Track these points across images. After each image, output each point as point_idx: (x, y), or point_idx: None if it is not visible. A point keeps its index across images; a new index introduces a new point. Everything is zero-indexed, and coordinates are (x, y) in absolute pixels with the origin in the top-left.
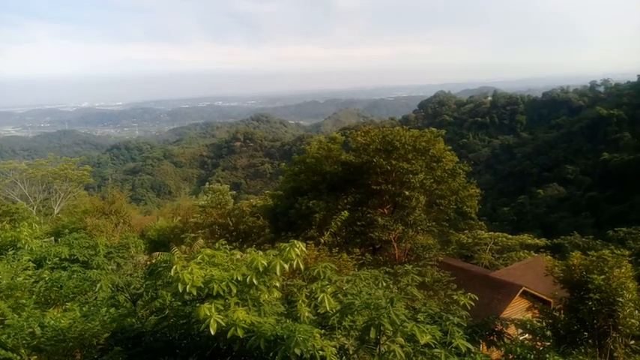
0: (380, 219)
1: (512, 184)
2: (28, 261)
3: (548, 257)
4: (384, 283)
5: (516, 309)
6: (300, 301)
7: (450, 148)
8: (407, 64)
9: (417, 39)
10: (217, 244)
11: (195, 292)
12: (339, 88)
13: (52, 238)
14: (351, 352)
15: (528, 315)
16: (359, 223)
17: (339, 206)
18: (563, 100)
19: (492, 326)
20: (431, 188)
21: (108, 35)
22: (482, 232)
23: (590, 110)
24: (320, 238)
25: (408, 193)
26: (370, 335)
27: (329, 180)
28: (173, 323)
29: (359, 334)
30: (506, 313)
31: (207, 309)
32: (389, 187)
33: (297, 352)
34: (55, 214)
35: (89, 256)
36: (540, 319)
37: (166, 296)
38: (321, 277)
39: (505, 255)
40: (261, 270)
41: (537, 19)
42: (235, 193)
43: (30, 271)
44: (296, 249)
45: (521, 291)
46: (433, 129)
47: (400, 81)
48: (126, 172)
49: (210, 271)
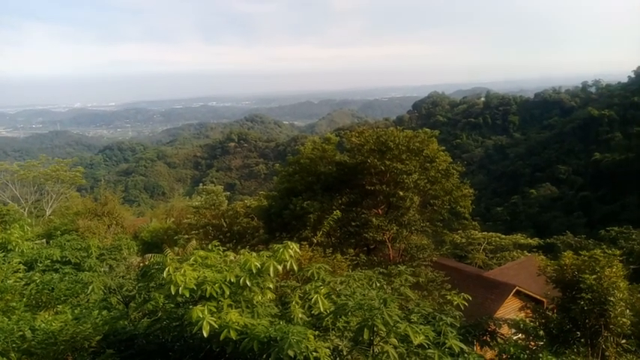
0: (374, 219)
1: (506, 184)
2: (19, 263)
3: (541, 257)
4: (377, 284)
5: (510, 309)
6: (294, 302)
7: (444, 148)
8: (401, 65)
9: (411, 40)
10: (210, 246)
11: (187, 294)
12: (334, 88)
13: (44, 240)
14: (344, 353)
15: (521, 315)
16: (353, 224)
17: (334, 207)
18: (555, 100)
19: (486, 326)
20: (425, 188)
21: (100, 35)
22: (476, 232)
23: (581, 111)
24: (313, 238)
25: (402, 193)
26: (364, 336)
27: (323, 180)
28: (166, 325)
29: (353, 335)
30: (500, 312)
31: (199, 311)
32: (383, 187)
33: (291, 353)
34: (46, 215)
35: (81, 258)
36: (533, 319)
37: (159, 298)
38: (315, 278)
39: (498, 255)
40: (255, 271)
41: (529, 21)
42: (229, 193)
43: (21, 274)
44: (289, 250)
45: (514, 291)
46: (427, 129)
47: (394, 82)
48: (119, 173)
49: (203, 272)
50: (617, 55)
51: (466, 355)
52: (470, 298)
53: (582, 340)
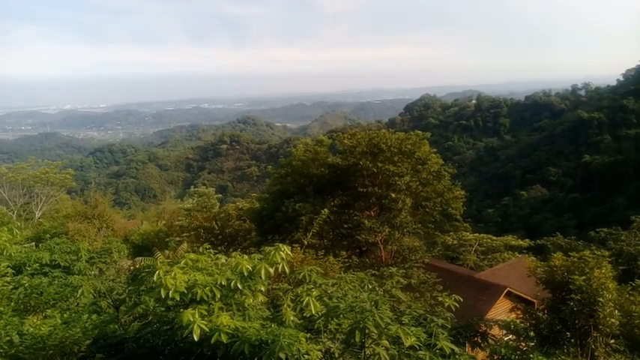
0: (366, 221)
1: (497, 186)
2: (7, 267)
3: (532, 258)
4: (369, 286)
5: (501, 310)
6: (286, 304)
7: (436, 150)
8: (393, 67)
9: (404, 42)
10: (201, 249)
11: (178, 298)
12: (326, 90)
13: (33, 243)
14: (336, 356)
15: (512, 316)
16: (345, 226)
17: (326, 209)
18: (546, 103)
19: (477, 327)
20: (417, 190)
21: (90, 37)
22: (468, 233)
23: (571, 113)
24: (303, 240)
25: (394, 195)
26: (355, 338)
27: (315, 182)
28: (156, 329)
29: (344, 337)
30: (491, 313)
31: (190, 314)
32: (375, 189)
33: (282, 356)
34: (36, 218)
35: (71, 261)
36: (524, 320)
37: (149, 302)
38: (307, 280)
39: (490, 256)
40: (246, 274)
41: (520, 25)
42: (222, 196)
43: (8, 278)
44: (281, 252)
45: (505, 292)
46: (419, 132)
47: (387, 84)
48: (109, 175)
49: (194, 275)
50: (607, 58)
51: (457, 356)
52: (461, 300)
53: (572, 340)
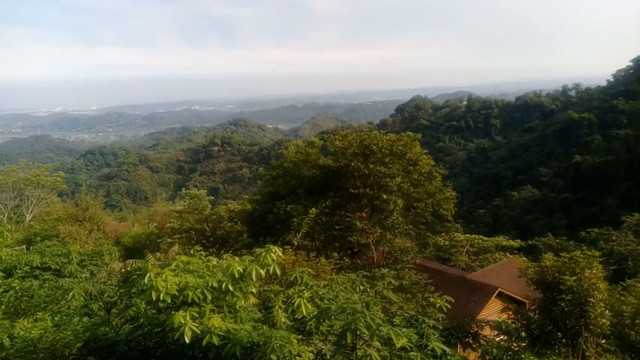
0: (358, 223)
1: (488, 187)
2: None
3: (523, 258)
4: (361, 287)
5: (492, 310)
6: (277, 306)
7: (427, 151)
8: (384, 69)
9: (395, 44)
10: (192, 251)
11: (169, 300)
12: (318, 92)
13: (24, 246)
14: (328, 357)
15: (504, 316)
16: (337, 227)
17: (318, 210)
18: (536, 104)
19: (468, 328)
20: (408, 191)
21: (81, 39)
22: (459, 234)
23: (562, 114)
24: (293, 240)
25: (385, 196)
26: (347, 340)
27: (307, 184)
28: (148, 332)
29: (336, 338)
30: (483, 314)
31: (181, 317)
32: (367, 190)
33: (274, 358)
34: (26, 221)
35: (62, 264)
36: (515, 320)
37: (141, 304)
38: (298, 282)
39: (481, 257)
40: (237, 276)
41: (510, 26)
42: (213, 198)
43: None
44: (272, 254)
45: (496, 292)
46: (410, 133)
47: (378, 85)
48: (100, 177)
49: (185, 278)
50: (597, 59)
51: (449, 357)
52: (453, 300)
53: (563, 340)
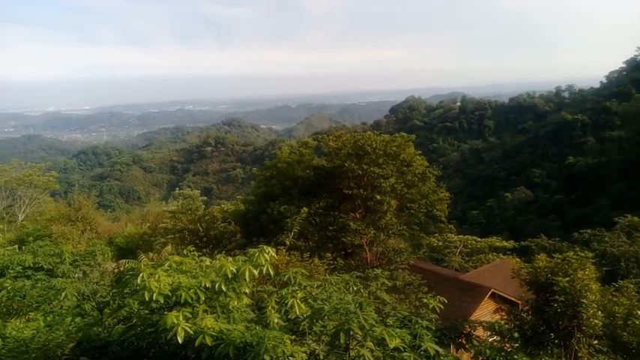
0: (352, 223)
1: (481, 188)
2: None
3: (516, 259)
4: (354, 288)
5: (485, 311)
6: (270, 307)
7: (420, 152)
8: (378, 70)
9: (388, 45)
10: (185, 251)
11: (162, 300)
12: (312, 92)
13: (16, 246)
14: (321, 358)
15: (497, 317)
16: (331, 228)
17: (312, 211)
18: (530, 105)
19: (461, 329)
20: (402, 192)
21: (73, 39)
22: (452, 235)
23: (555, 115)
24: (286, 240)
25: (379, 197)
26: (340, 340)
27: (301, 185)
28: (140, 332)
29: (329, 339)
30: (476, 315)
31: (174, 317)
32: (360, 191)
33: (267, 358)
34: (19, 221)
35: (54, 264)
36: (508, 321)
37: (133, 304)
38: (292, 282)
39: (474, 257)
40: (231, 276)
41: (504, 28)
42: (207, 198)
43: None
44: (265, 254)
45: (489, 293)
46: (404, 134)
47: (372, 86)
48: (93, 177)
49: (178, 278)
50: (591, 60)
51: (442, 357)
52: (446, 301)
53: (556, 341)
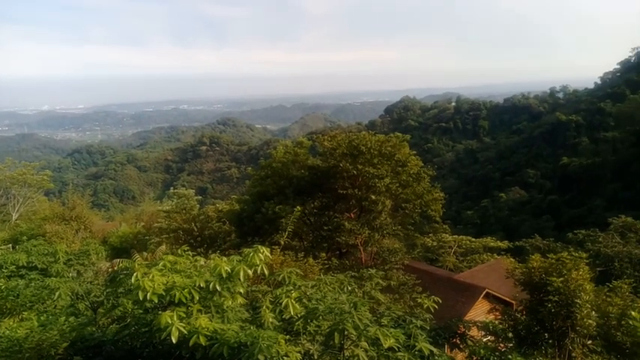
0: (347, 223)
1: (476, 188)
2: None
3: (510, 260)
4: (349, 288)
5: (479, 311)
6: (265, 306)
7: (415, 152)
8: (373, 70)
9: (384, 45)
10: (180, 251)
11: (156, 300)
12: (307, 92)
13: (10, 245)
14: (315, 357)
15: (491, 317)
16: (326, 228)
17: (306, 211)
18: (524, 105)
19: (456, 329)
20: (396, 192)
21: (68, 37)
22: (447, 235)
23: (549, 116)
24: (280, 240)
25: (374, 197)
26: (334, 340)
27: (296, 184)
28: (134, 332)
29: (324, 339)
30: (470, 315)
31: (168, 317)
32: (355, 191)
33: (261, 358)
34: (13, 220)
35: (48, 263)
36: (502, 321)
37: (127, 304)
38: (286, 282)
39: (469, 257)
40: (225, 276)
41: (499, 29)
42: (201, 197)
43: None
44: (260, 254)
45: (484, 293)
46: (398, 134)
47: (367, 86)
48: (88, 177)
49: (173, 277)
50: (585, 61)
51: (436, 357)
52: (440, 301)
53: (550, 341)
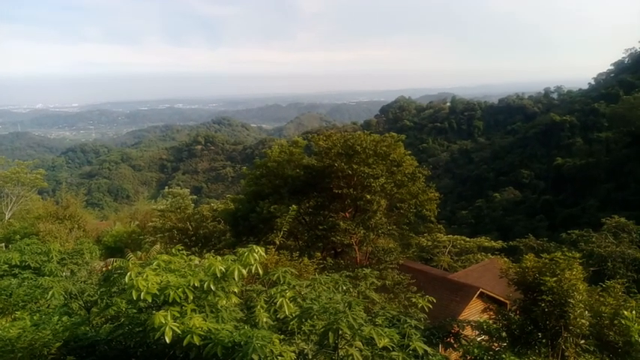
0: (342, 223)
1: (471, 188)
2: None
3: (504, 259)
4: (343, 287)
5: (474, 310)
6: (259, 306)
7: (410, 152)
8: (369, 70)
9: (379, 45)
10: (174, 250)
11: (150, 299)
12: (302, 92)
13: (3, 244)
14: (310, 357)
15: (485, 316)
16: (321, 227)
17: (301, 210)
18: (519, 106)
19: (450, 328)
20: (391, 192)
21: (62, 35)
22: (442, 235)
23: (544, 116)
24: (275, 240)
25: (369, 196)
26: (329, 340)
27: (291, 184)
28: (128, 331)
29: (318, 338)
30: (465, 314)
31: (162, 316)
32: (350, 191)
33: (255, 358)
34: (6, 219)
35: (41, 262)
36: (496, 321)
37: (121, 303)
38: (281, 281)
39: (463, 257)
40: (219, 275)
41: (494, 29)
42: (196, 197)
43: None
44: (254, 254)
45: (478, 293)
46: (394, 134)
47: (362, 86)
48: (82, 175)
49: (167, 277)
50: (580, 62)
51: (430, 356)
52: (434, 301)
53: (543, 340)
